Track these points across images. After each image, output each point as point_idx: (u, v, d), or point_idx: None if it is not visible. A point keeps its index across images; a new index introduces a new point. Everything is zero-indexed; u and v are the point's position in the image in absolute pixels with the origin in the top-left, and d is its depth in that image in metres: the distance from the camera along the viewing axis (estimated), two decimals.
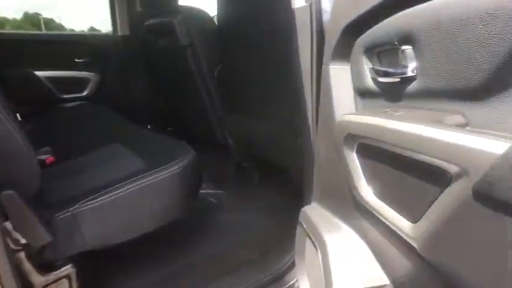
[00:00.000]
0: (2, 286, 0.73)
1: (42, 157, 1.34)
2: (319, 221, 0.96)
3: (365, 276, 0.78)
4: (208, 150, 2.21)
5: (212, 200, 1.80)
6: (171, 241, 1.42)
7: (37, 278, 0.92)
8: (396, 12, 0.65)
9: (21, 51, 2.30)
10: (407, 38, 0.60)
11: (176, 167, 1.14)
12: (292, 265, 1.29)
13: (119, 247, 1.07)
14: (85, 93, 2.56)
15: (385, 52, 0.71)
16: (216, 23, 1.87)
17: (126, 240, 1.07)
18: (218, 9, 1.77)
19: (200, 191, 1.36)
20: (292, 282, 1.26)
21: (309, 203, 1.16)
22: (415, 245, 0.55)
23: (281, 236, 1.41)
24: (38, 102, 2.39)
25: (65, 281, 0.98)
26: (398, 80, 0.65)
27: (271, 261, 1.33)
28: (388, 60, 0.70)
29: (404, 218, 0.58)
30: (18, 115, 1.77)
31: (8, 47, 2.25)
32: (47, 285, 0.95)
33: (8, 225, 0.86)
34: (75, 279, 0.99)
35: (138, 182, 1.07)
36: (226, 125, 1.91)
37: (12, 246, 0.87)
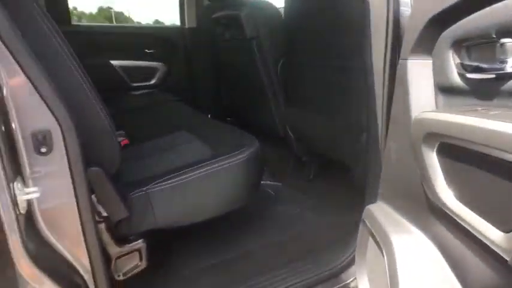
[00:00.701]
0: (88, 251, 0.81)
1: (118, 139, 1.44)
2: (386, 220, 0.92)
3: (436, 285, 0.74)
4: (268, 142, 2.22)
5: (270, 191, 1.81)
6: (230, 227, 1.46)
7: (113, 249, 1.00)
8: (492, 3, 0.60)
9: (99, 42, 2.48)
10: (509, 30, 0.55)
11: (241, 156, 1.17)
12: (349, 264, 1.26)
13: (184, 228, 1.13)
14: (153, 81, 2.70)
15: (476, 46, 0.66)
16: (283, 15, 1.86)
17: (191, 223, 1.12)
18: (286, 1, 1.77)
19: None
20: (349, 281, 1.24)
21: (371, 201, 1.12)
22: (506, 257, 0.51)
23: (339, 232, 1.38)
24: (113, 89, 2.57)
25: (136, 254, 1.05)
26: (493, 76, 0.60)
27: (326, 257, 1.31)
28: (481, 55, 0.65)
29: (494, 226, 0.54)
30: None
31: (89, 38, 2.45)
32: (121, 256, 1.03)
33: (93, 198, 0.94)
34: (145, 253, 1.06)
35: (206, 169, 1.11)
36: (288, 118, 1.91)
37: (96, 217, 0.95)
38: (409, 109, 0.82)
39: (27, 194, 0.68)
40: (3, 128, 0.66)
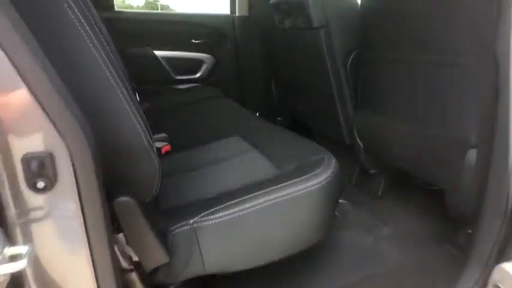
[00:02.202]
0: None
1: (158, 145, 1.17)
2: None
3: None
4: (328, 147, 1.88)
5: (335, 213, 1.48)
6: (288, 266, 1.15)
7: None
8: None
9: (142, 31, 2.24)
10: None
11: (318, 181, 0.84)
12: None
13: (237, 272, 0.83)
14: (198, 75, 2.43)
15: None
16: (359, 1, 1.50)
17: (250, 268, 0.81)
18: None
19: None
20: None
21: (485, 237, 0.78)
22: None
23: (433, 278, 1.03)
24: (155, 82, 2.33)
25: None
26: None
27: None
28: None
29: None
30: (137, 94, 1.69)
31: (131, 26, 2.21)
32: None
33: (121, 238, 0.66)
34: None
35: (273, 196, 0.80)
36: (357, 123, 1.55)
37: (123, 264, 0.67)
38: None
39: (12, 260, 0.40)
40: None
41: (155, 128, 1.51)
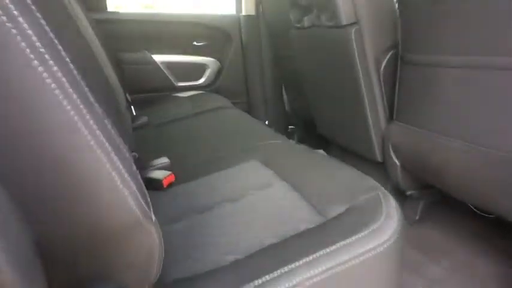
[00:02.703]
0: None
1: (159, 174, 0.91)
2: None
3: None
4: (353, 162, 1.63)
5: None
6: None
7: None
8: None
9: (138, 33, 2.00)
10: None
11: (385, 238, 0.59)
12: None
13: None
14: (201, 81, 2.19)
15: None
16: None
17: None
18: None
19: None
20: None
21: None
22: None
23: None
24: (153, 90, 2.08)
25: None
26: None
27: None
28: None
29: None
30: (132, 108, 1.44)
31: (125, 28, 1.97)
32: None
33: None
34: None
35: (332, 264, 0.54)
36: (392, 137, 1.30)
37: None
38: None
39: None
40: None
41: (155, 148, 1.26)
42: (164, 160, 1.00)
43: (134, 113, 1.44)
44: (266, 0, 2.04)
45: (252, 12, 2.15)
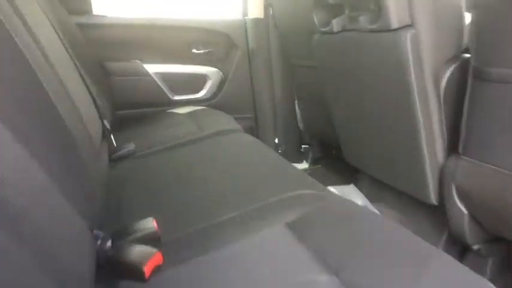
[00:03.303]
0: None
1: (139, 259, 0.59)
2: None
3: None
4: (396, 201, 1.32)
5: None
6: None
7: None
8: None
9: (128, 40, 1.68)
10: None
11: None
12: None
13: None
14: (201, 94, 1.86)
15: None
16: None
17: None
18: None
19: None
20: None
21: None
22: None
23: None
24: (145, 105, 1.76)
25: None
26: None
27: None
28: None
29: None
30: (106, 123, 1.09)
31: (114, 34, 1.64)
32: None
33: None
34: None
35: None
36: (456, 177, 0.98)
37: None
38: None
39: None
40: None
41: (138, 196, 0.92)
42: (149, 223, 0.67)
43: (115, 145, 1.11)
44: (277, 1, 1.72)
45: (260, 15, 1.83)
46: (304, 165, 2.07)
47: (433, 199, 1.08)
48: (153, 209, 0.77)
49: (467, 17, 0.97)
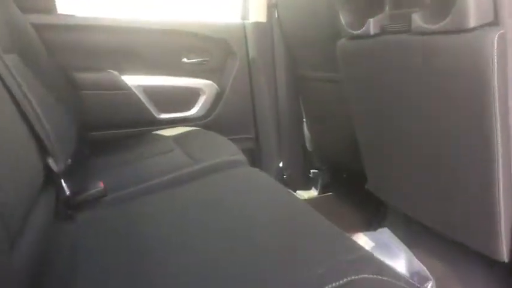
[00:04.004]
0: None
1: None
2: None
3: None
4: (448, 252, 1.02)
5: None
6: None
7: None
8: None
9: (102, 45, 1.37)
10: None
11: None
12: None
13: None
14: (193, 112, 1.57)
15: None
16: None
17: None
18: None
19: None
20: None
21: None
22: None
23: None
24: (124, 125, 1.45)
25: None
26: None
27: None
28: None
29: None
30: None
31: (85, 38, 1.34)
32: None
33: None
34: None
35: None
36: None
37: None
38: None
39: None
40: None
41: (105, 276, 0.60)
42: None
43: (68, 191, 0.80)
44: (284, 2, 1.45)
45: (263, 18, 1.56)
46: (312, 193, 1.79)
47: (504, 256, 0.80)
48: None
49: None
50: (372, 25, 0.86)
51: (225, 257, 0.58)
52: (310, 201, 1.72)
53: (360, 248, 0.58)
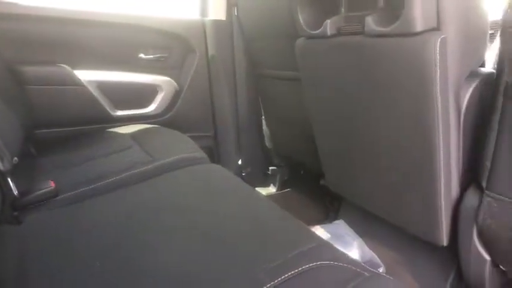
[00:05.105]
0: None
1: None
2: None
3: None
4: (389, 238, 1.10)
5: None
6: None
7: None
8: None
9: (51, 37, 1.29)
10: None
11: None
12: None
13: None
14: (150, 109, 1.52)
15: None
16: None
17: None
18: None
19: None
20: None
21: None
22: None
23: None
24: (77, 122, 1.37)
25: None
26: None
27: None
28: None
29: None
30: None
31: (30, 28, 1.25)
32: None
33: None
34: None
35: None
36: (479, 216, 0.79)
37: None
38: None
39: None
40: None
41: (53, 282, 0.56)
42: None
43: (15, 191, 0.75)
44: (243, 1, 1.46)
45: (222, 16, 1.56)
46: (271, 190, 1.82)
47: (444, 240, 0.88)
48: None
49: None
50: (328, 26, 0.89)
51: (182, 255, 0.58)
52: (268, 198, 1.75)
53: (318, 238, 0.60)
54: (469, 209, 0.82)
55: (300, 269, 0.50)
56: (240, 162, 1.72)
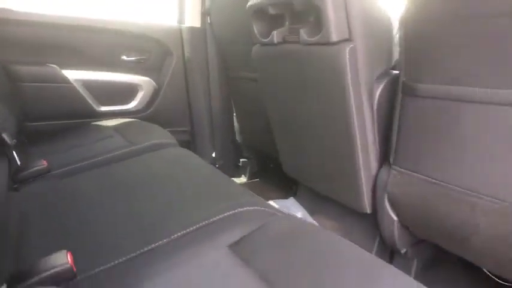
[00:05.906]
0: None
1: None
2: None
3: None
4: (332, 211, 1.31)
5: None
6: None
7: None
8: None
9: (42, 40, 1.47)
10: None
11: None
12: None
13: None
14: (132, 105, 1.71)
15: None
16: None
17: None
18: None
19: None
20: None
21: None
22: None
23: None
24: (65, 116, 1.55)
25: None
26: None
27: None
28: None
29: None
30: (6, 136, 0.89)
31: (23, 32, 1.42)
32: None
33: None
34: None
35: None
36: (388, 186, 1.00)
37: None
38: None
39: None
40: None
41: (51, 232, 0.76)
42: (60, 260, 0.54)
43: (19, 162, 0.93)
44: (216, 10, 1.67)
45: (197, 23, 1.76)
46: (242, 180, 2.02)
47: (367, 208, 1.09)
48: (68, 241, 0.63)
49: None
50: (275, 36, 1.10)
51: (153, 208, 0.77)
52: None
53: (249, 193, 0.81)
54: (382, 181, 1.03)
55: (226, 214, 0.70)
56: (214, 154, 1.92)
